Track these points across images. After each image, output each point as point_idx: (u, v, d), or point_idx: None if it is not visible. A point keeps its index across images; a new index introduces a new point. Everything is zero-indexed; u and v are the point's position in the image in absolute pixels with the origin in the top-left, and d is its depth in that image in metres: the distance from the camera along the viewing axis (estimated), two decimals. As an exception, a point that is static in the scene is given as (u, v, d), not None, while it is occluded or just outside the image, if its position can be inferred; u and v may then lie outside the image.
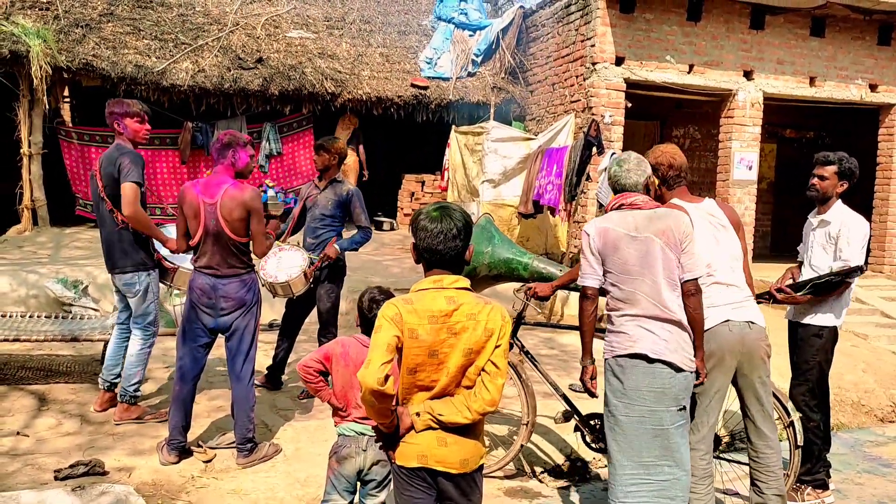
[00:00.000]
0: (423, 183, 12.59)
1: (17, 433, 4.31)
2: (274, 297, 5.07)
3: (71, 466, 3.84)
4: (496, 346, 2.36)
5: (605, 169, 8.48)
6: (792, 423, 3.86)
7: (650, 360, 3.13)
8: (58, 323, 5.53)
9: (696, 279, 3.22)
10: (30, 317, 5.64)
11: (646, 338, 3.15)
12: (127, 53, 10.13)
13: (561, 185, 8.49)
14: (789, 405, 3.94)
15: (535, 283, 4.11)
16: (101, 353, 5.61)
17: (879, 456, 5.22)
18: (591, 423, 4.05)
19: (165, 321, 6.62)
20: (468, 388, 2.38)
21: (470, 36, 12.29)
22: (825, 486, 4.22)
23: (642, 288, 3.17)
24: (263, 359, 5.84)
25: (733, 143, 9.86)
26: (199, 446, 4.17)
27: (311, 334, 5.80)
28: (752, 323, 3.50)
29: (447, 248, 2.37)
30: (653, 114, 11.95)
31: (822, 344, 4.13)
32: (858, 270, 4.01)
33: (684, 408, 3.19)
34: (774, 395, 3.80)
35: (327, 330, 5.16)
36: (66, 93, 11.03)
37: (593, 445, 4.07)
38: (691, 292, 3.21)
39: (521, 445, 4.23)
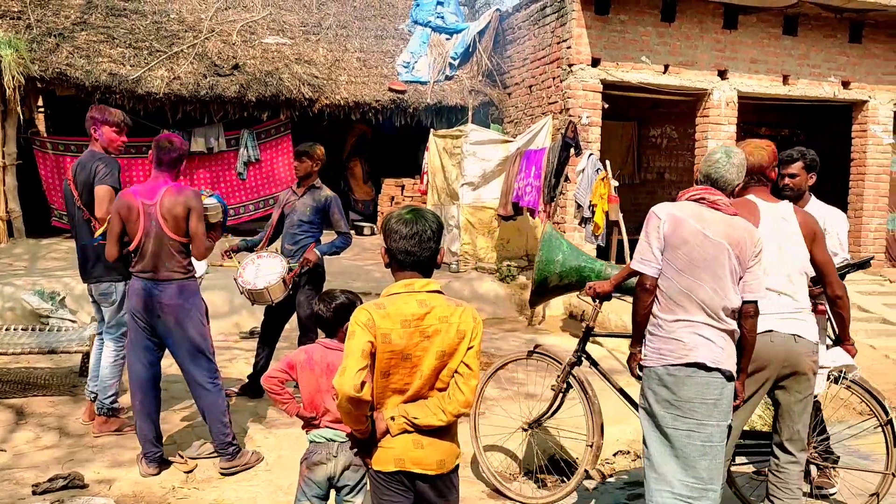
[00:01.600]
0: (402, 187, 12.59)
1: (-6, 448, 4.25)
2: (253, 304, 5.02)
3: (50, 480, 3.79)
4: (468, 348, 2.37)
5: (583, 170, 8.56)
6: (890, 421, 3.80)
7: (708, 370, 2.96)
8: (35, 335, 5.46)
9: (757, 302, 3.06)
10: (6, 329, 5.57)
11: (703, 345, 2.97)
12: (101, 62, 10.04)
13: (540, 187, 8.53)
14: (886, 402, 3.86)
15: (594, 282, 3.88)
16: (79, 365, 5.55)
17: (858, 449, 5.28)
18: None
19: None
20: (441, 390, 2.38)
21: (447, 39, 12.33)
22: None
23: (700, 293, 2.98)
24: (245, 367, 5.81)
25: (709, 142, 9.96)
26: (180, 457, 4.13)
27: (291, 341, 5.78)
28: (799, 336, 3.34)
29: (422, 249, 2.36)
30: (630, 114, 12.05)
31: None
32: (867, 263, 4.09)
33: (730, 426, 3.06)
34: (869, 392, 3.79)
35: (308, 336, 5.11)
36: (39, 103, 10.91)
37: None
38: (750, 314, 3.05)
39: (586, 471, 3.98)
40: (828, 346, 3.89)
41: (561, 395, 4.06)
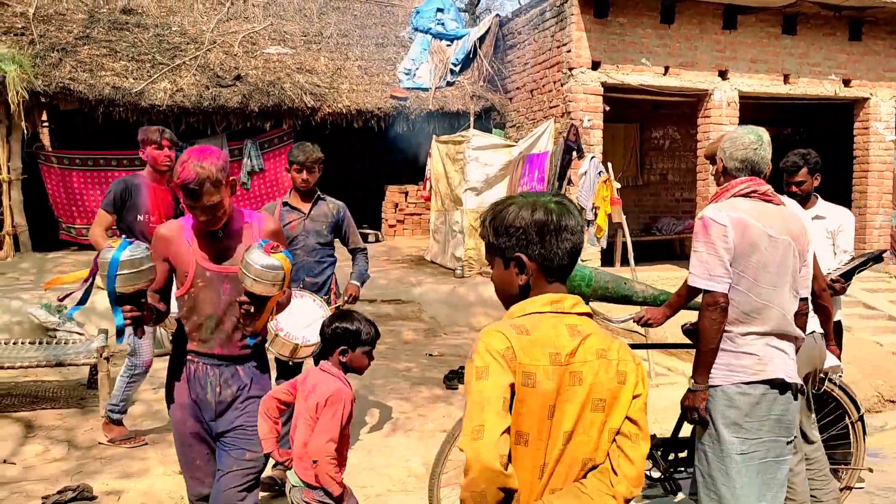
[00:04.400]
0: (406, 193, 12.64)
1: (4, 461, 4.28)
2: (291, 364, 3.93)
3: (59, 492, 3.82)
4: (634, 397, 1.65)
5: (585, 172, 8.58)
6: (861, 418, 3.83)
7: (785, 386, 2.67)
8: (42, 349, 5.49)
9: (807, 299, 2.88)
10: (14, 343, 5.60)
11: (778, 359, 2.67)
12: (104, 76, 10.11)
13: (543, 191, 8.54)
14: (858, 399, 3.91)
15: (646, 309, 3.38)
16: (86, 378, 5.58)
17: (867, 447, 5.26)
18: (673, 453, 3.47)
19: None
20: (589, 468, 1.64)
21: (447, 46, 12.37)
22: None
23: (776, 301, 2.67)
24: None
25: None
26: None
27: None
28: (819, 333, 3.41)
29: (578, 251, 1.72)
30: (632, 116, 12.05)
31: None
32: (880, 257, 4.11)
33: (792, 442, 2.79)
34: (843, 390, 3.80)
35: None
36: (44, 117, 10.98)
37: (656, 476, 3.41)
38: (804, 312, 2.83)
39: None
40: None
41: None
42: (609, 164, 8.91)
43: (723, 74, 9.96)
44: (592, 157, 8.72)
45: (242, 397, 2.76)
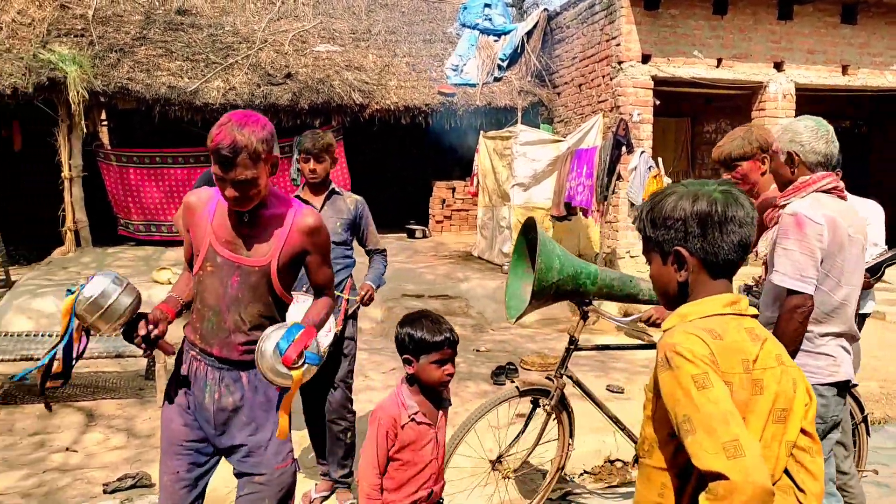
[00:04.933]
0: (453, 189, 12.66)
1: (67, 449, 4.45)
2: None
3: (119, 479, 3.94)
4: (805, 405, 1.52)
5: (635, 167, 8.46)
6: (865, 419, 3.75)
7: (847, 387, 2.64)
8: (103, 340, 5.68)
9: None
10: (76, 335, 5.78)
11: (846, 361, 2.61)
12: (160, 75, 10.38)
13: (592, 186, 8.46)
14: (862, 400, 3.83)
15: (654, 308, 3.31)
16: (144, 369, 5.76)
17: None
18: None
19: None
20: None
21: (495, 41, 12.33)
22: None
23: (852, 299, 2.62)
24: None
25: (766, 136, 9.71)
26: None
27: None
28: None
29: (748, 244, 1.56)
30: (683, 110, 11.84)
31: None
32: None
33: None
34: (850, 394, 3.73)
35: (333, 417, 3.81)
36: (102, 116, 11.33)
37: None
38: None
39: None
40: None
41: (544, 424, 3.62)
42: (659, 159, 8.77)
43: (778, 66, 9.70)
44: (642, 152, 8.59)
45: (246, 408, 2.35)
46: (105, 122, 12.08)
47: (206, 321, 2.34)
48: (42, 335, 5.72)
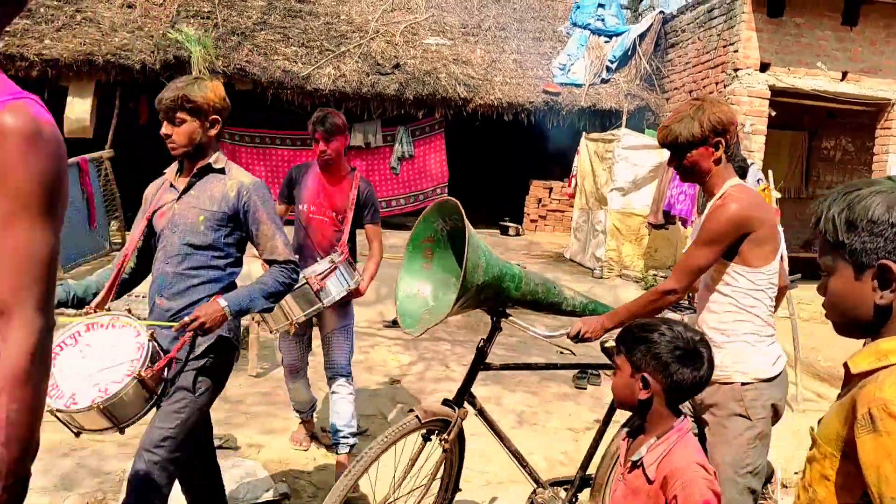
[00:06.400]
0: (550, 189, 12.57)
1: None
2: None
3: (208, 439, 4.16)
4: None
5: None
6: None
7: None
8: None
9: None
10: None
11: None
12: (276, 59, 10.79)
13: (694, 196, 8.20)
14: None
15: (582, 320, 2.76)
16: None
17: None
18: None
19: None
20: None
21: (605, 42, 12.13)
22: None
23: None
24: (386, 353, 6.03)
25: (890, 157, 9.14)
26: (324, 431, 4.39)
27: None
28: None
29: None
30: (803, 124, 11.28)
31: None
32: None
33: None
34: None
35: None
36: (220, 96, 11.90)
37: None
38: None
39: None
40: None
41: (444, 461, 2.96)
42: (770, 172, 8.40)
43: (910, 83, 9.10)
44: (752, 164, 8.25)
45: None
46: (222, 102, 12.68)
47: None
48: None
